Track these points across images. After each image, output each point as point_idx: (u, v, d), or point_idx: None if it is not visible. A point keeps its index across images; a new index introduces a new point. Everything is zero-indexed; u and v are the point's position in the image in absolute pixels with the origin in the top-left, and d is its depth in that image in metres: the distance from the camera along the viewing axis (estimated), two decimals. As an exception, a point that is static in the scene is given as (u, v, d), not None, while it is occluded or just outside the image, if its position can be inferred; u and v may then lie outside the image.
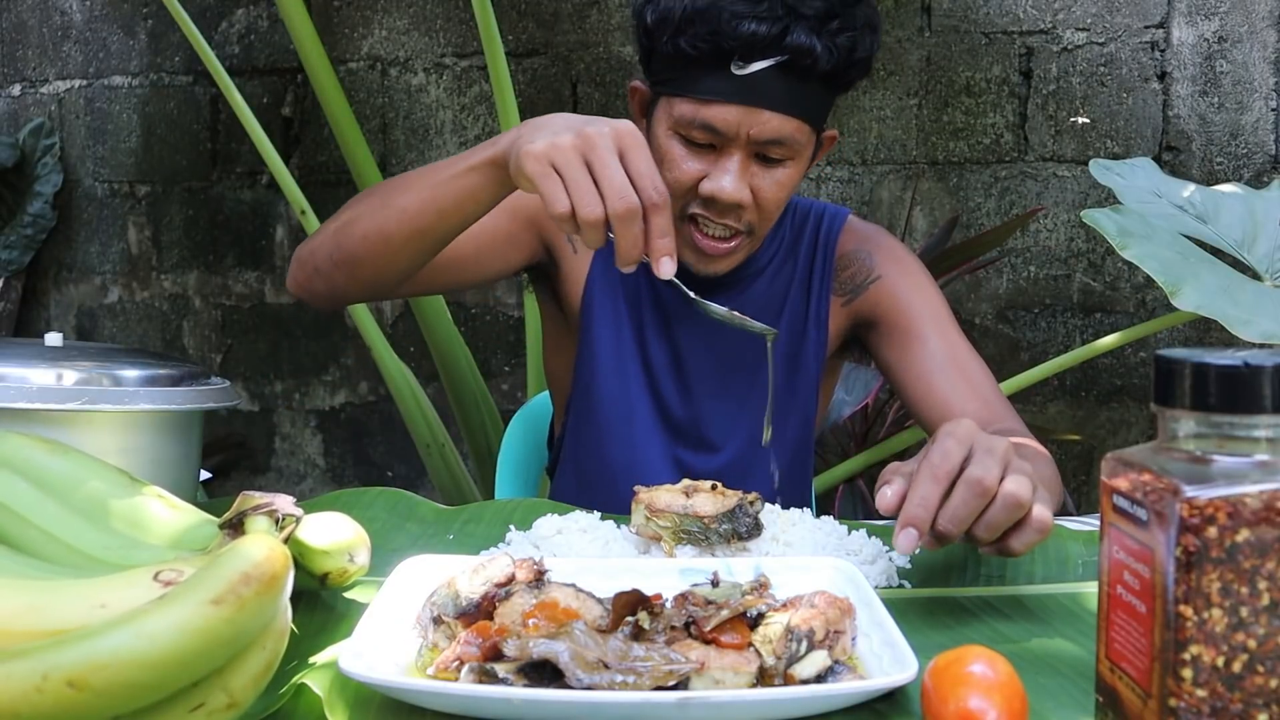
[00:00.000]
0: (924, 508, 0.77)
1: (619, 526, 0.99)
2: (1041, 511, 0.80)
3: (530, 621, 0.68)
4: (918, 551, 0.89)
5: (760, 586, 0.75)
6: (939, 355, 1.23)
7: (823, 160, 2.56)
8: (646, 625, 0.67)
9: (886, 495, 0.80)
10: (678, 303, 1.30)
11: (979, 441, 0.81)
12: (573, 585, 0.72)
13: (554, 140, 0.90)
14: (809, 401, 1.32)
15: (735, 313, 1.00)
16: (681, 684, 0.63)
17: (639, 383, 1.31)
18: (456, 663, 0.66)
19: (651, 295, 1.31)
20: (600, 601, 0.70)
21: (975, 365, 1.24)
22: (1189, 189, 1.67)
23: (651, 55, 1.16)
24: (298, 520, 0.78)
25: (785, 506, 1.00)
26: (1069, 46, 2.49)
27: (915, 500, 0.78)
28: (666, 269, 0.91)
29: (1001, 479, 0.78)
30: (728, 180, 1.12)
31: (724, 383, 1.31)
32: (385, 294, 1.24)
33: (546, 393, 1.53)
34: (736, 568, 0.83)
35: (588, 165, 0.90)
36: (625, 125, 0.92)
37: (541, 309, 1.41)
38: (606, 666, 0.64)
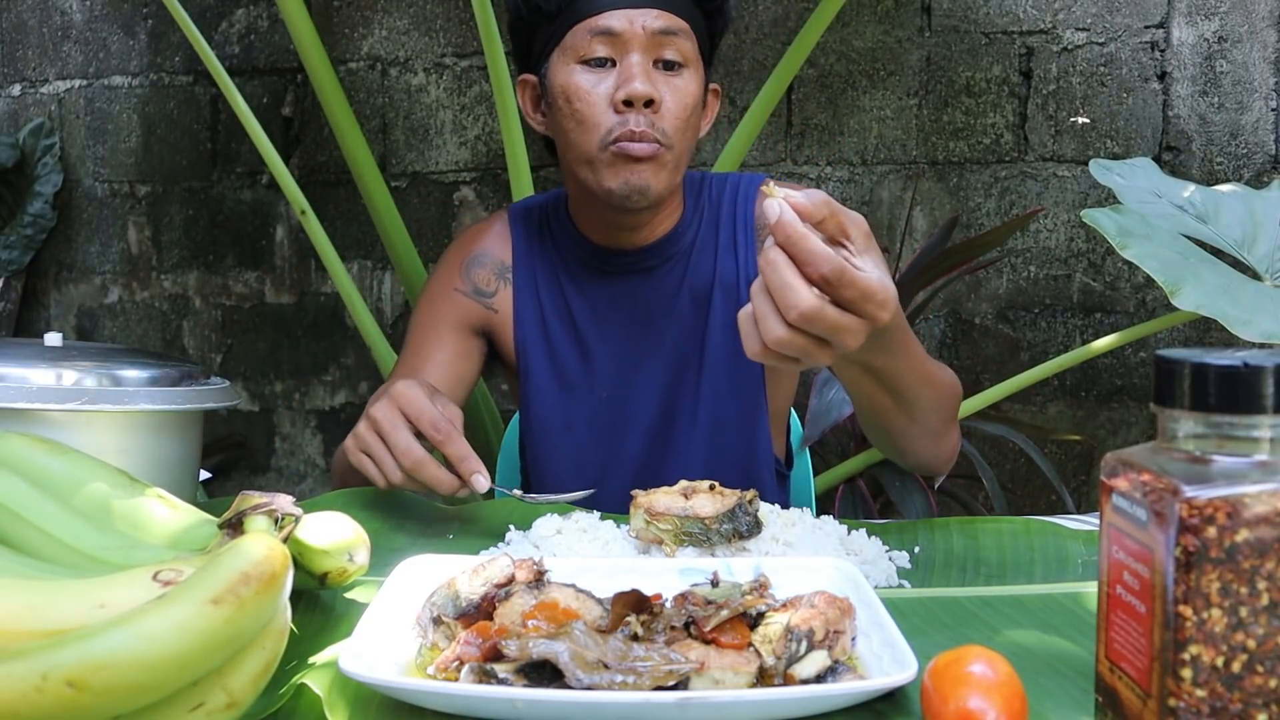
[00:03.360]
0: None
1: (619, 526, 0.99)
2: None
3: (530, 622, 0.68)
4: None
5: (760, 586, 0.75)
6: None
7: (822, 161, 2.57)
8: (641, 632, 0.67)
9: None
10: (606, 290, 1.32)
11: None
12: (573, 585, 0.72)
13: (356, 430, 1.05)
14: (754, 374, 1.32)
15: (552, 497, 1.07)
16: (681, 684, 0.63)
17: (588, 406, 1.33)
18: (456, 663, 0.66)
19: (582, 299, 1.32)
20: (600, 601, 0.70)
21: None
22: (1189, 189, 1.67)
23: (533, 29, 1.24)
24: (297, 520, 0.78)
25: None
26: (1069, 46, 2.49)
27: None
28: (480, 484, 1.01)
29: None
30: (637, 80, 1.18)
31: (664, 353, 1.32)
32: None
33: None
34: (736, 568, 0.83)
35: (383, 438, 1.02)
36: (397, 387, 1.04)
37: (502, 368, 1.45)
38: (606, 667, 0.64)
